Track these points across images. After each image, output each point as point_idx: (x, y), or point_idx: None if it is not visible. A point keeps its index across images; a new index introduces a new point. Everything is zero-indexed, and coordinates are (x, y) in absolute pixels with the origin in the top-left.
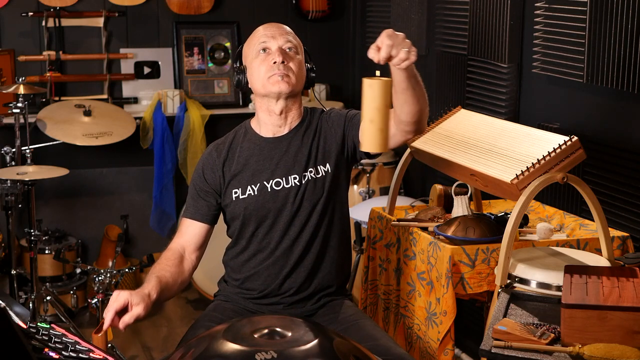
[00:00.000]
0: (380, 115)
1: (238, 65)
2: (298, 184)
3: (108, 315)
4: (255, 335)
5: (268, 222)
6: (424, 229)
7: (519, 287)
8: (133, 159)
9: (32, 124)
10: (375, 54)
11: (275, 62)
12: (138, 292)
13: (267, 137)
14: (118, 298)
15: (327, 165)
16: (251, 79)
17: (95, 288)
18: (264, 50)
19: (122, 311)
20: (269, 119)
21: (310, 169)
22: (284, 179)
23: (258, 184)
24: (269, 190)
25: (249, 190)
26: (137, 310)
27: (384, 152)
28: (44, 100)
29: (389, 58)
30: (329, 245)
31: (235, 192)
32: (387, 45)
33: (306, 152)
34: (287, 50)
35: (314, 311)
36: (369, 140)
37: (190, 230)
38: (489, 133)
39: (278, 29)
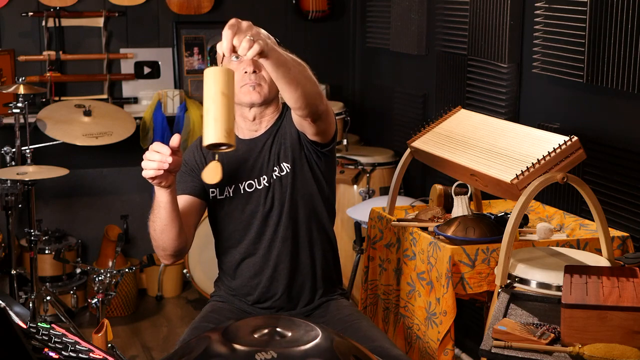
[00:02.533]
0: (215, 104)
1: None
2: (267, 184)
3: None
4: (255, 335)
5: (243, 224)
6: (424, 229)
7: (519, 287)
8: (133, 159)
9: (32, 124)
10: (219, 46)
11: (246, 72)
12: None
13: (243, 139)
14: (157, 147)
15: (288, 161)
16: None
17: (95, 288)
18: (236, 57)
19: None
20: (244, 124)
21: (275, 168)
22: (255, 180)
23: (233, 186)
24: (242, 192)
25: (226, 192)
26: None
27: (232, 145)
28: (44, 100)
29: (233, 49)
30: (304, 242)
31: (213, 192)
32: (226, 36)
33: (275, 152)
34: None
35: (309, 312)
36: (206, 131)
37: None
38: (489, 133)
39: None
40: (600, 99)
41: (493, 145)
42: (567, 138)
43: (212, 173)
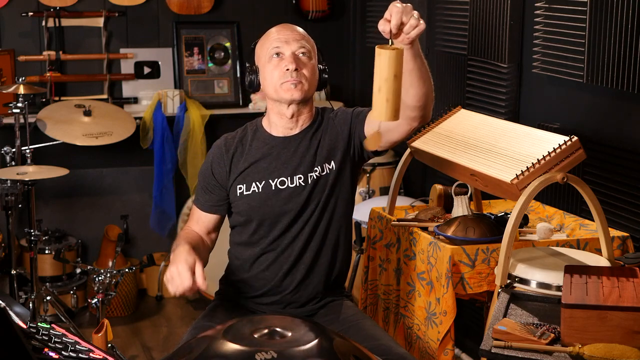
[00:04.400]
0: (388, 85)
1: (250, 65)
2: (303, 184)
3: (196, 284)
4: (255, 335)
5: (270, 220)
6: (424, 229)
7: (519, 287)
8: (133, 159)
9: (32, 124)
10: (385, 24)
11: (288, 69)
12: (187, 254)
13: (277, 137)
14: (181, 271)
15: (332, 162)
16: (263, 83)
17: (95, 288)
18: (277, 54)
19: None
20: (280, 122)
21: (316, 169)
22: (289, 178)
23: (263, 182)
24: (273, 188)
25: (254, 187)
26: (199, 265)
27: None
28: (44, 100)
29: (401, 25)
30: (329, 242)
31: (240, 189)
32: (397, 12)
33: (313, 152)
34: (301, 55)
35: (315, 311)
36: (376, 109)
37: (202, 221)
38: (489, 133)
39: (292, 32)
40: (600, 99)
41: (493, 145)
42: (567, 138)
43: (373, 141)
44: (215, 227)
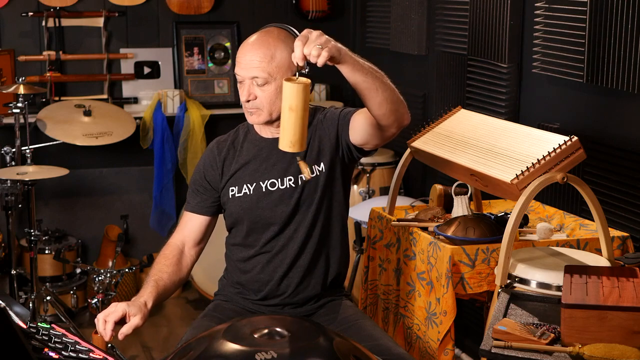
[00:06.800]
0: (285, 116)
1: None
2: (293, 185)
3: (108, 326)
4: (255, 335)
5: (262, 222)
6: (424, 229)
7: (519, 287)
8: (133, 159)
9: (32, 124)
10: (293, 56)
11: (244, 99)
12: (135, 303)
13: (267, 138)
14: (116, 309)
15: (322, 164)
16: None
17: (95, 288)
18: (238, 78)
19: (121, 321)
20: (268, 128)
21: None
22: (279, 179)
23: (254, 184)
24: (264, 190)
25: (245, 189)
26: (135, 320)
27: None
28: (44, 100)
29: (304, 57)
30: (325, 244)
31: (232, 190)
32: (297, 47)
33: (302, 154)
34: (257, 83)
35: (314, 311)
36: (280, 138)
37: (190, 224)
38: (489, 133)
39: (251, 57)
40: (600, 99)
41: (493, 145)
42: (567, 138)
43: (304, 170)
44: (202, 234)
